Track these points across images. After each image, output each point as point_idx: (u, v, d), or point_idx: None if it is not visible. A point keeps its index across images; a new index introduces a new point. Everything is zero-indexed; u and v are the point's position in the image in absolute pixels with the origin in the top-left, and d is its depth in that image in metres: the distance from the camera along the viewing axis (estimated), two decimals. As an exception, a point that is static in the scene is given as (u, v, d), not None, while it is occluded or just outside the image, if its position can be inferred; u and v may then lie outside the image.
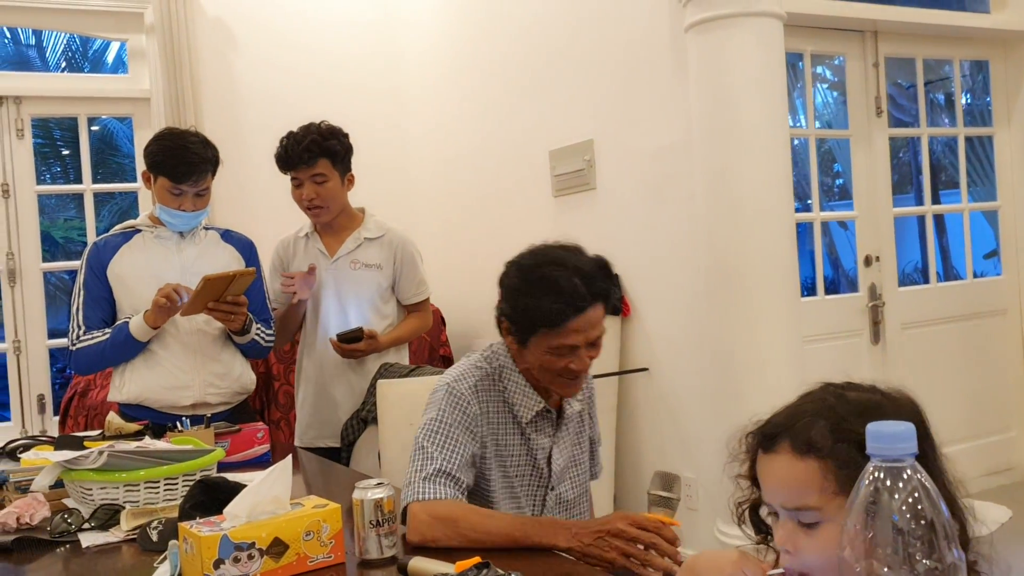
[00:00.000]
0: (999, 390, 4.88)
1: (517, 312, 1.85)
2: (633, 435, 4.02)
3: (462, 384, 1.87)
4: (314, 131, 2.97)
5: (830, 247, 8.83)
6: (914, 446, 0.77)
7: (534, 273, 1.84)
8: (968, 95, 5.48)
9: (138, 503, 1.92)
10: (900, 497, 0.77)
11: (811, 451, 1.07)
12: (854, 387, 1.16)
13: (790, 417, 1.12)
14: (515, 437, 1.92)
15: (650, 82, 3.81)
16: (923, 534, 0.76)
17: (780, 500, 1.10)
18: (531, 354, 1.86)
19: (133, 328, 2.70)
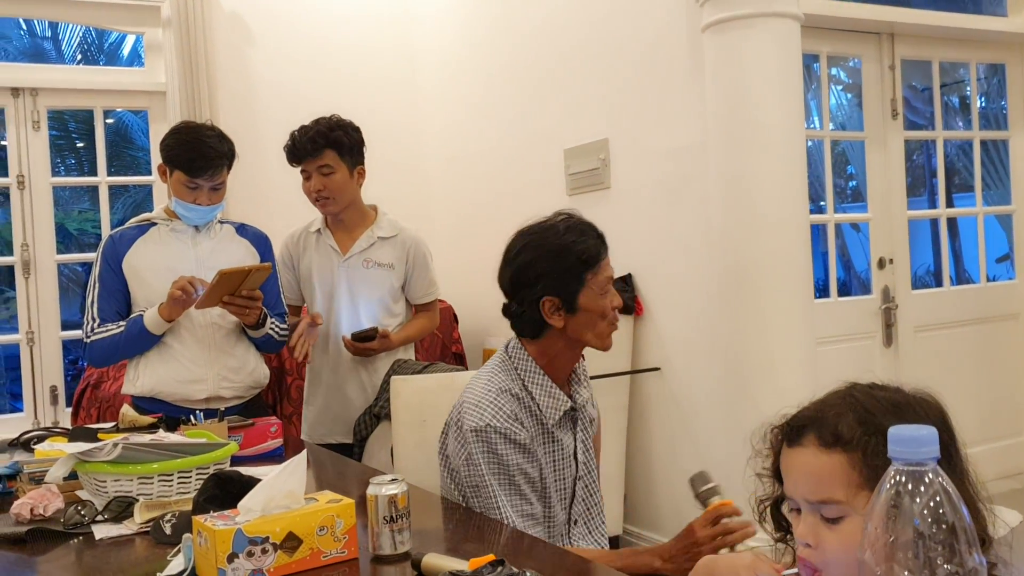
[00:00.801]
0: (1012, 394, 4.86)
1: (559, 275, 1.87)
2: (644, 435, 4.01)
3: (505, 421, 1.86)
4: (321, 123, 2.99)
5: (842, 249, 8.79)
6: (936, 450, 0.77)
7: (558, 235, 1.90)
8: (983, 98, 5.45)
9: (152, 496, 1.92)
10: (921, 501, 0.76)
11: (838, 443, 1.07)
12: (880, 387, 1.16)
13: (816, 411, 1.12)
14: (548, 444, 1.93)
15: (666, 82, 3.80)
16: (944, 538, 0.75)
17: (804, 493, 1.10)
18: (582, 314, 1.89)
19: (147, 321, 2.71)
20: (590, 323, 1.90)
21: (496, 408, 1.86)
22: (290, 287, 3.14)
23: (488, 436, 1.84)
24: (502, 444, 1.84)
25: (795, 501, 1.12)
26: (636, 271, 4.00)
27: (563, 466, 1.95)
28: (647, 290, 3.97)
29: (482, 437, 1.85)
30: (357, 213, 3.08)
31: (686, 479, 1.89)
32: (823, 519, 1.07)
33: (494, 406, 1.87)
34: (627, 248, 4.04)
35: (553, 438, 1.93)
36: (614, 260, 4.32)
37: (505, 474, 1.84)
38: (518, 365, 1.93)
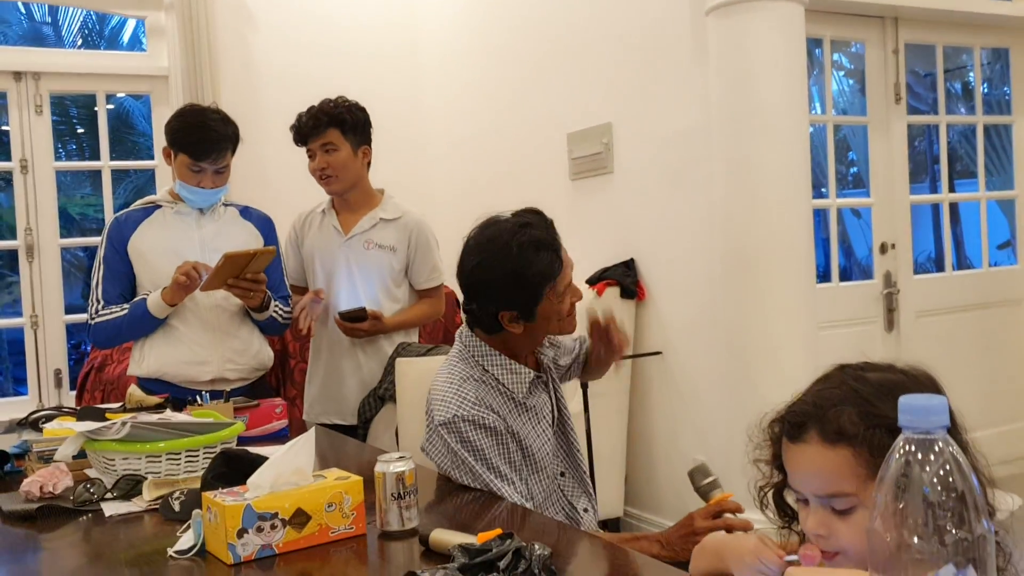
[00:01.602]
0: (1012, 379, 4.88)
1: (518, 291, 1.87)
2: (645, 418, 4.03)
3: (471, 408, 1.88)
4: (326, 103, 3.00)
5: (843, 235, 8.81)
6: (946, 419, 0.78)
7: (505, 260, 1.87)
8: (986, 84, 5.45)
9: (160, 474, 1.94)
10: (931, 469, 0.77)
11: (842, 439, 1.07)
12: (872, 367, 1.16)
13: (816, 405, 1.11)
14: (524, 415, 1.95)
15: (669, 65, 3.80)
16: (954, 506, 0.76)
17: (812, 488, 1.10)
18: (541, 320, 1.91)
19: (151, 304, 2.72)
20: (547, 326, 1.95)
21: (460, 398, 1.89)
22: (296, 268, 3.15)
23: (457, 426, 1.87)
24: (472, 431, 1.87)
25: (801, 493, 1.12)
26: (639, 255, 4.00)
27: (542, 428, 1.99)
28: (649, 274, 3.98)
29: (452, 429, 1.88)
30: (363, 195, 3.09)
31: (686, 463, 1.91)
32: (834, 511, 1.08)
33: (458, 396, 1.90)
34: (630, 232, 4.05)
35: (526, 407, 1.96)
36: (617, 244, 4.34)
37: (483, 458, 1.87)
38: (475, 352, 1.96)
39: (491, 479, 1.86)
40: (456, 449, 1.88)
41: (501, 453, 1.88)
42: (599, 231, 4.18)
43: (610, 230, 4.14)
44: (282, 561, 1.48)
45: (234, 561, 1.46)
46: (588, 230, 4.19)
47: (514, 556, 1.14)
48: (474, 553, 1.15)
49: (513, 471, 1.90)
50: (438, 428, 1.91)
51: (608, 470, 3.85)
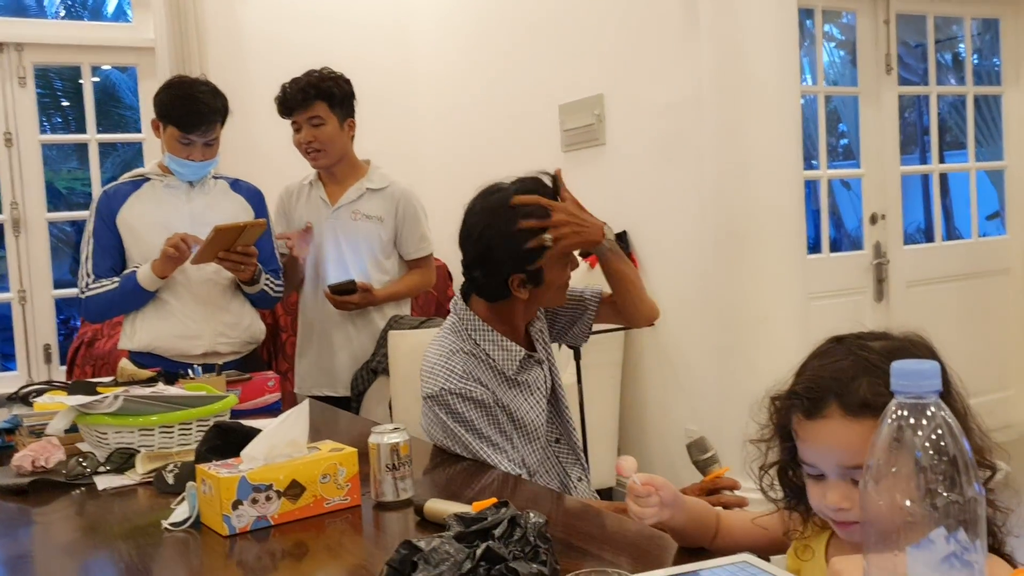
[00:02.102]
0: (999, 349, 4.91)
1: (522, 258, 1.88)
2: (638, 389, 4.05)
3: (458, 381, 1.88)
4: (312, 75, 2.98)
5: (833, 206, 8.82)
6: (938, 383, 0.78)
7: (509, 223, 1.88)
8: (976, 54, 5.44)
9: (153, 447, 1.94)
10: (923, 434, 0.78)
11: (865, 410, 1.05)
12: (871, 336, 1.16)
13: (833, 379, 1.09)
14: (515, 389, 1.96)
15: (661, 36, 3.78)
16: (945, 470, 0.77)
17: (835, 462, 1.09)
18: (547, 287, 1.92)
19: (141, 277, 2.72)
20: (552, 294, 1.97)
21: (448, 371, 1.90)
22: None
23: (445, 399, 1.88)
24: (460, 404, 1.87)
25: (816, 468, 1.11)
26: (631, 227, 4.00)
27: (536, 401, 1.99)
28: (641, 246, 3.98)
29: (440, 402, 1.89)
30: (348, 166, 3.07)
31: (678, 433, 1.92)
32: (855, 482, 1.07)
33: (445, 369, 1.90)
34: (622, 204, 4.05)
35: (517, 382, 1.96)
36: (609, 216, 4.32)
37: (473, 429, 1.88)
38: (467, 325, 1.96)
39: (483, 449, 1.86)
40: (446, 421, 1.89)
41: (491, 423, 1.89)
42: (591, 203, 4.10)
43: (602, 202, 4.11)
44: (277, 532, 1.48)
45: (229, 533, 1.46)
46: (581, 202, 4.18)
47: (509, 524, 1.14)
48: (469, 522, 1.15)
49: (505, 440, 1.90)
50: (427, 401, 1.92)
51: (600, 440, 3.87)
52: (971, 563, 0.77)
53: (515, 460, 1.89)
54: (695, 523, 1.34)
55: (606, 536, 1.44)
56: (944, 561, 0.77)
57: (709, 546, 1.34)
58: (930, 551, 0.77)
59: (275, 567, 1.38)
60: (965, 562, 0.77)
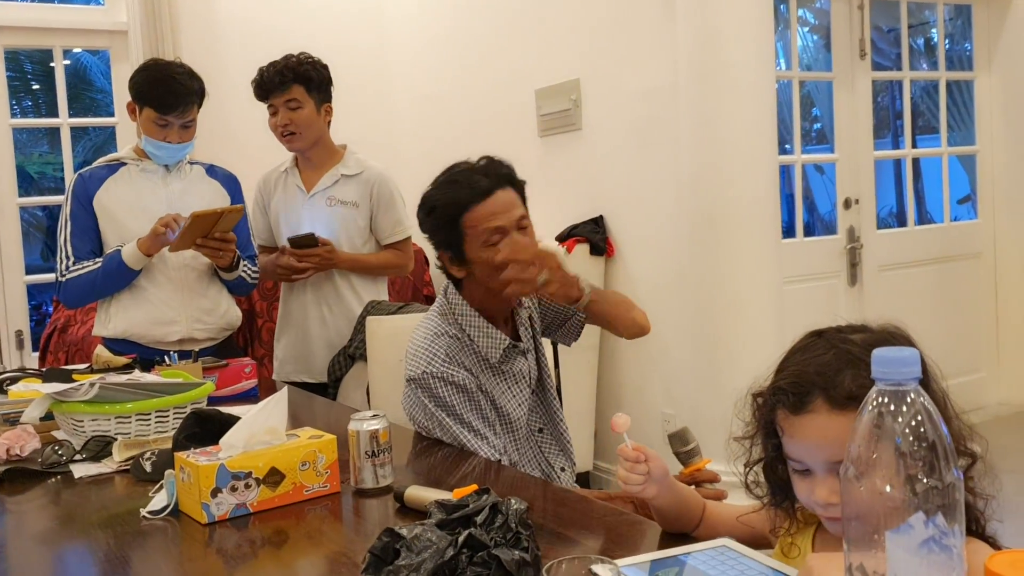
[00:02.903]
0: (971, 332, 4.98)
1: (437, 230, 1.90)
2: (614, 373, 4.06)
3: (441, 365, 1.88)
4: (290, 59, 2.97)
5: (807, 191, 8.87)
6: (918, 370, 0.79)
7: (431, 189, 1.94)
8: (948, 40, 5.47)
9: (129, 435, 1.93)
10: (903, 420, 0.79)
11: (851, 402, 1.05)
12: (850, 329, 1.15)
13: (818, 374, 1.09)
14: (497, 377, 1.96)
15: (638, 21, 3.78)
16: (925, 455, 0.78)
17: (823, 457, 1.08)
18: (476, 266, 1.90)
19: (126, 255, 2.68)
20: (487, 276, 1.90)
21: (431, 354, 1.89)
22: (263, 229, 3.13)
23: (427, 382, 1.88)
24: (442, 387, 1.87)
25: (803, 463, 1.11)
26: (607, 212, 4.01)
27: (518, 390, 1.99)
28: (618, 231, 3.99)
29: (421, 384, 1.89)
30: (324, 151, 3.06)
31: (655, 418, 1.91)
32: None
33: (429, 352, 1.90)
34: (598, 189, 4.05)
35: (501, 371, 1.96)
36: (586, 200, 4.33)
37: (454, 414, 1.88)
38: (455, 309, 1.96)
39: (463, 433, 1.87)
40: (427, 405, 1.89)
41: (473, 408, 1.89)
42: (568, 188, 4.17)
43: (579, 187, 4.14)
44: (257, 520, 1.48)
45: (208, 520, 1.46)
46: (557, 187, 4.19)
47: (491, 511, 1.14)
48: (451, 509, 1.16)
49: (487, 426, 1.91)
50: (409, 383, 1.91)
51: (578, 425, 3.88)
52: (949, 547, 0.78)
53: (496, 446, 1.89)
54: (681, 507, 1.34)
55: (588, 522, 1.45)
56: (923, 545, 0.78)
57: (692, 533, 1.35)
58: (909, 536, 0.78)
59: (255, 555, 1.38)
60: (944, 546, 0.78)
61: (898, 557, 0.79)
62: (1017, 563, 0.80)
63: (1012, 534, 1.15)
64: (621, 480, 1.31)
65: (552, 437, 2.07)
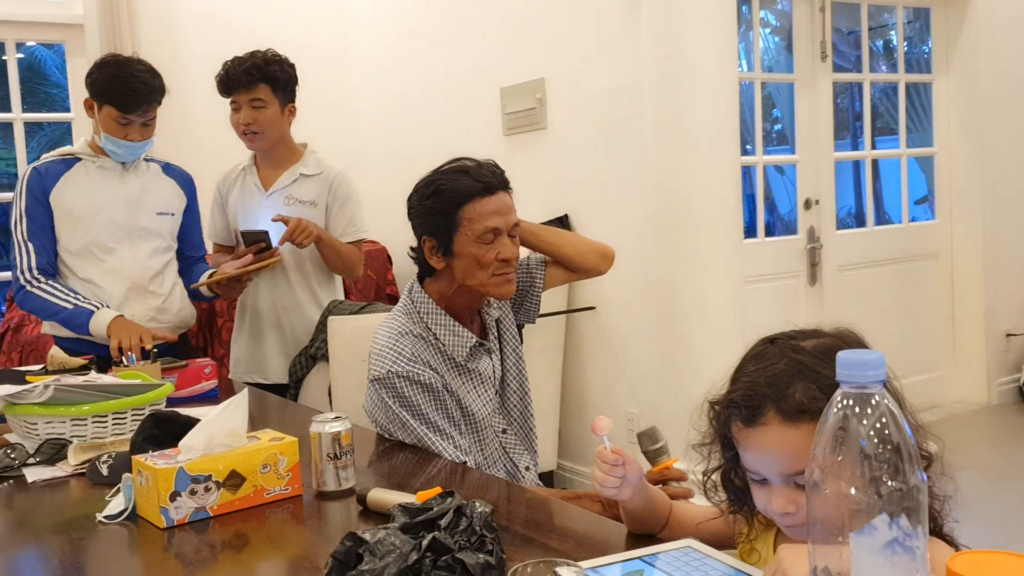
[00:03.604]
0: (928, 331, 5.05)
1: (433, 214, 1.88)
2: (579, 372, 4.07)
3: (406, 364, 1.86)
4: (257, 56, 2.90)
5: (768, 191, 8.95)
6: (883, 373, 0.79)
7: (437, 174, 1.92)
8: (907, 42, 5.55)
9: (86, 438, 1.89)
10: (868, 423, 0.79)
11: (802, 414, 1.06)
12: (802, 334, 1.16)
13: (768, 385, 1.09)
14: (464, 376, 1.95)
15: (602, 21, 3.79)
16: (889, 458, 0.78)
17: (777, 469, 1.09)
18: (460, 260, 1.88)
19: (93, 328, 2.63)
20: (469, 270, 1.89)
21: (396, 353, 1.88)
22: (222, 228, 3.09)
23: (392, 382, 1.86)
24: (408, 387, 1.86)
25: (760, 474, 1.12)
26: (572, 211, 4.01)
27: (483, 390, 1.98)
28: (583, 230, 3.99)
29: (386, 384, 1.87)
30: (285, 150, 3.02)
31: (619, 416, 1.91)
32: (798, 486, 1.07)
33: (394, 351, 1.88)
34: (563, 188, 4.05)
35: (467, 370, 1.95)
36: (551, 199, 4.33)
37: (418, 414, 1.86)
38: (420, 308, 1.95)
39: (427, 434, 1.85)
40: (391, 405, 1.87)
41: (438, 408, 1.88)
42: (533, 187, 4.17)
43: (544, 186, 4.14)
44: (217, 523, 1.46)
45: (167, 525, 1.43)
46: (522, 186, 4.14)
47: (455, 514, 1.13)
48: (414, 512, 1.14)
49: (452, 426, 1.89)
50: (373, 384, 1.90)
51: (542, 424, 3.87)
52: (913, 548, 0.79)
53: (461, 447, 1.88)
54: (650, 510, 1.34)
55: (553, 524, 1.44)
56: (887, 547, 0.78)
57: (658, 534, 1.36)
58: (873, 537, 0.79)
59: (215, 559, 1.35)
60: (907, 547, 0.78)
61: (862, 559, 0.79)
62: (978, 563, 0.80)
63: (969, 531, 1.17)
64: (597, 482, 1.31)
65: (517, 437, 2.06)
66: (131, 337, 2.56)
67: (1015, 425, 4.77)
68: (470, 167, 1.90)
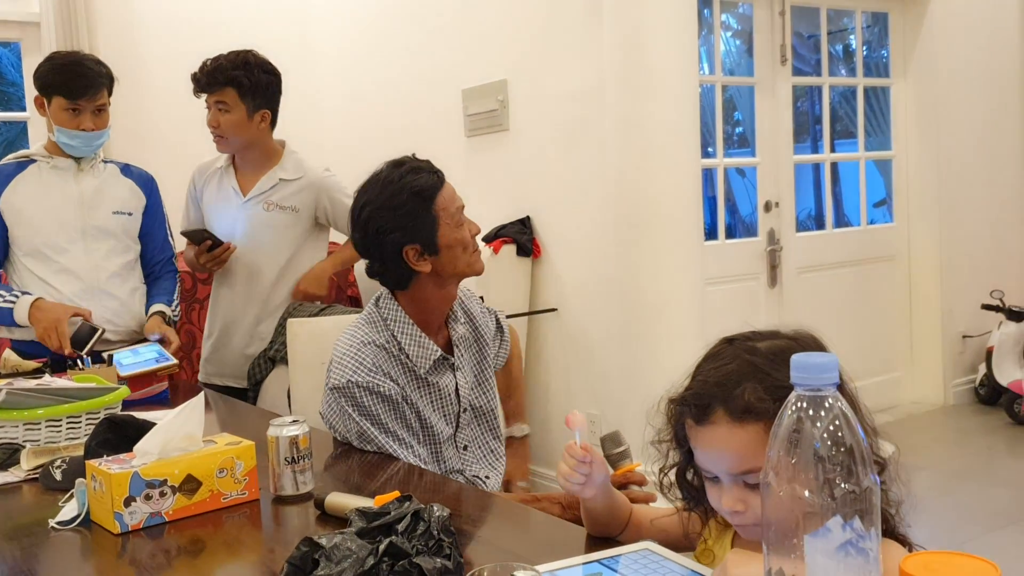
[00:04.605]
0: (886, 332, 5.12)
1: (413, 217, 1.86)
2: (542, 374, 4.07)
3: (366, 374, 1.85)
4: (229, 57, 2.85)
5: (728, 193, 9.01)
6: (836, 376, 0.80)
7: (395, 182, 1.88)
8: (866, 47, 5.62)
9: (39, 442, 1.86)
10: (822, 425, 0.80)
11: (749, 415, 1.07)
12: (759, 336, 1.17)
13: (719, 385, 1.11)
14: (423, 389, 1.93)
15: (564, 23, 3.80)
16: (843, 460, 0.79)
17: (724, 467, 1.10)
18: (445, 251, 1.88)
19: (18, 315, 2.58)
20: (454, 259, 1.91)
21: (357, 363, 1.86)
22: (196, 220, 3.03)
23: (351, 391, 1.85)
24: (367, 397, 1.84)
25: (711, 472, 1.13)
26: (534, 213, 4.02)
27: (443, 405, 1.97)
28: (545, 232, 4.00)
29: (345, 393, 1.85)
30: (260, 154, 2.97)
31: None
32: (747, 486, 1.09)
33: (355, 361, 1.86)
34: (525, 190, 4.06)
35: (428, 383, 1.93)
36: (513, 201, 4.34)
37: (378, 423, 1.85)
38: (387, 316, 1.93)
39: (388, 443, 1.84)
40: (351, 414, 1.85)
41: (397, 418, 1.86)
42: (495, 188, 4.17)
43: (506, 187, 4.14)
44: (172, 529, 1.44)
45: (121, 530, 1.41)
46: (484, 187, 4.18)
47: (413, 519, 1.13)
48: (372, 516, 1.14)
49: (411, 435, 1.88)
50: (332, 392, 1.88)
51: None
52: (866, 550, 0.79)
53: (420, 455, 1.87)
54: (611, 513, 1.35)
55: (513, 527, 1.44)
56: (840, 549, 0.79)
57: (618, 537, 1.36)
58: (827, 539, 0.79)
59: (170, 565, 1.34)
60: (861, 549, 0.79)
61: (816, 561, 0.80)
62: (931, 564, 0.81)
63: (925, 531, 1.18)
64: (561, 475, 1.31)
65: (477, 455, 2.04)
66: (47, 330, 2.51)
67: (970, 426, 4.85)
68: (414, 165, 1.91)
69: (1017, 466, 4.23)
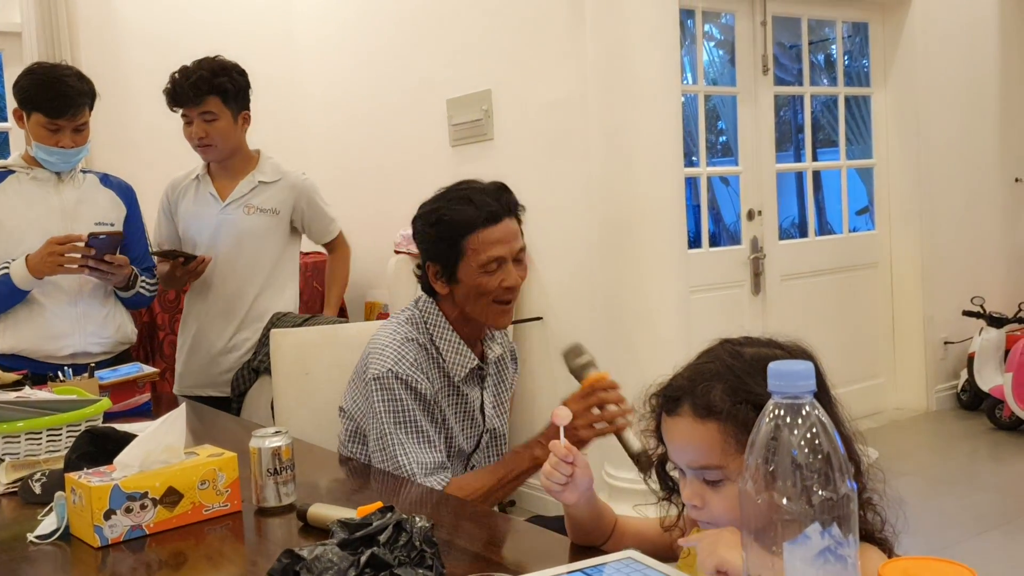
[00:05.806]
0: (869, 339, 5.15)
1: (438, 241, 1.85)
2: (527, 383, 4.07)
3: (408, 368, 1.83)
4: (205, 67, 2.83)
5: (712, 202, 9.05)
6: (812, 384, 0.81)
7: (441, 202, 1.88)
8: (847, 56, 5.67)
9: (19, 455, 1.84)
10: (799, 433, 0.80)
11: (711, 414, 1.10)
12: (751, 343, 1.19)
13: (691, 380, 1.14)
14: (453, 396, 1.93)
15: (548, 33, 3.81)
16: (820, 467, 0.79)
17: (685, 460, 1.14)
18: (463, 287, 1.85)
19: (15, 274, 2.56)
20: (471, 298, 1.86)
21: (399, 356, 1.85)
22: (170, 235, 3.02)
23: (389, 382, 1.82)
24: (403, 391, 1.82)
25: (676, 464, 1.17)
26: (517, 222, 4.02)
27: (467, 420, 1.96)
28: (530, 241, 3.92)
29: (383, 384, 1.83)
30: (240, 159, 2.97)
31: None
32: (706, 482, 1.12)
33: (397, 354, 1.85)
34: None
35: (459, 392, 1.93)
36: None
37: (407, 421, 1.83)
38: (428, 319, 1.92)
39: (404, 444, 1.81)
40: (378, 409, 1.83)
41: (428, 416, 1.85)
42: (477, 198, 4.17)
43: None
44: (153, 542, 1.43)
45: (101, 544, 1.40)
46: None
47: (395, 530, 1.12)
48: (354, 528, 1.13)
49: (437, 434, 1.86)
50: (370, 382, 1.85)
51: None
52: (844, 557, 0.80)
53: (442, 452, 1.85)
54: (594, 520, 1.35)
55: (496, 538, 1.44)
56: (819, 555, 0.79)
57: (602, 547, 1.36)
58: (806, 546, 0.80)
59: (151, 579, 1.33)
60: (839, 556, 0.80)
61: (795, 567, 0.80)
62: (909, 570, 0.82)
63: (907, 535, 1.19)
64: (543, 474, 1.31)
65: None
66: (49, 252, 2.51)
67: (953, 431, 4.88)
68: (474, 194, 1.85)
69: (999, 471, 4.25)
